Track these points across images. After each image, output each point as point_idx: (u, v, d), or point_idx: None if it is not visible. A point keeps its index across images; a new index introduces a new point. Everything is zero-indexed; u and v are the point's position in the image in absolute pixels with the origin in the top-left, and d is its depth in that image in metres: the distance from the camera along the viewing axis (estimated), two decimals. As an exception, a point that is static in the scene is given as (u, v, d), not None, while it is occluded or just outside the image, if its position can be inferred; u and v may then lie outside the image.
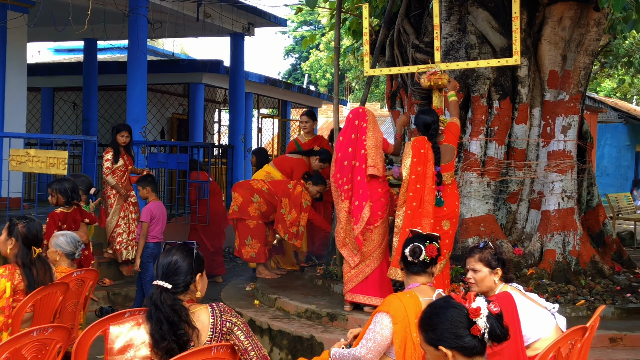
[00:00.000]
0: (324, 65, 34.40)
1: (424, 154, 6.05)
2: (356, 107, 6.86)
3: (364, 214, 6.38)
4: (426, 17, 8.64)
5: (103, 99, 15.42)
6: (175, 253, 3.31)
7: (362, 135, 6.47)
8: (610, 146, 25.50)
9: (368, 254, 6.56)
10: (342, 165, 6.51)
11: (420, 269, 3.96)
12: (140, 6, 10.51)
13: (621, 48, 14.68)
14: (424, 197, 6.04)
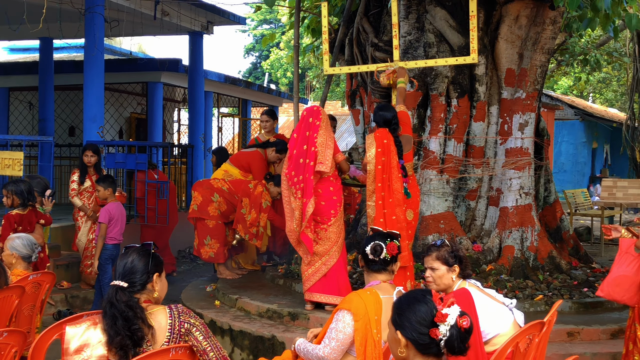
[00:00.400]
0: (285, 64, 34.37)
1: (387, 144, 6.09)
2: (311, 105, 6.85)
3: (307, 210, 6.38)
4: (385, 16, 8.66)
5: (59, 99, 15.18)
6: (132, 254, 3.38)
7: (314, 132, 6.47)
8: (567, 143, 25.92)
9: (324, 252, 6.56)
10: (297, 162, 6.49)
11: (381, 267, 3.97)
12: (97, 4, 10.37)
13: (577, 46, 14.90)
14: (392, 186, 6.07)
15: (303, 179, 6.44)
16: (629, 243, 5.02)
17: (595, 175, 26.35)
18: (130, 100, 16.38)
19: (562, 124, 25.23)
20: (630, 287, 4.93)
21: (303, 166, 6.46)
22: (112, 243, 7.71)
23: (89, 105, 10.55)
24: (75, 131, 15.45)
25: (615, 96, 33.19)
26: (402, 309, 2.59)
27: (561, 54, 14.98)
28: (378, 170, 6.08)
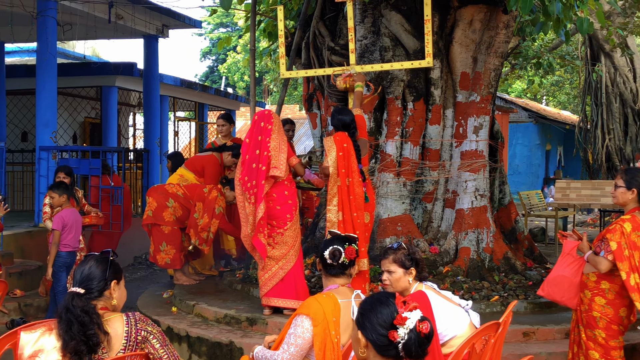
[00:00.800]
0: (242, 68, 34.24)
1: (347, 148, 6.11)
2: (262, 109, 6.84)
3: (257, 215, 6.37)
4: (341, 20, 8.69)
5: (11, 104, 14.89)
6: (90, 260, 3.35)
7: (266, 137, 6.45)
8: (521, 145, 26.30)
9: (281, 257, 6.55)
10: (250, 167, 6.46)
11: (339, 271, 3.97)
12: (49, 8, 10.20)
13: (530, 50, 15.12)
14: (354, 190, 6.09)
15: (256, 184, 6.42)
16: (572, 245, 5.11)
17: (549, 177, 26.80)
18: (84, 105, 16.15)
19: (516, 126, 25.61)
20: (569, 287, 5.02)
21: (256, 171, 6.43)
22: (66, 250, 7.57)
23: (41, 110, 10.38)
24: (28, 136, 15.17)
25: (568, 99, 33.83)
26: (366, 309, 2.61)
27: (515, 58, 15.21)
28: (342, 173, 6.09)
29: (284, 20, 7.33)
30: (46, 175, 10.17)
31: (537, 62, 15.02)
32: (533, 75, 21.30)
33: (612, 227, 4.77)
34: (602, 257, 4.74)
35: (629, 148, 19.00)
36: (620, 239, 4.67)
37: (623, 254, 4.65)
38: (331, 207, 6.16)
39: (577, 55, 18.92)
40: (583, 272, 4.96)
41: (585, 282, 4.93)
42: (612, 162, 18.96)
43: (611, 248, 4.68)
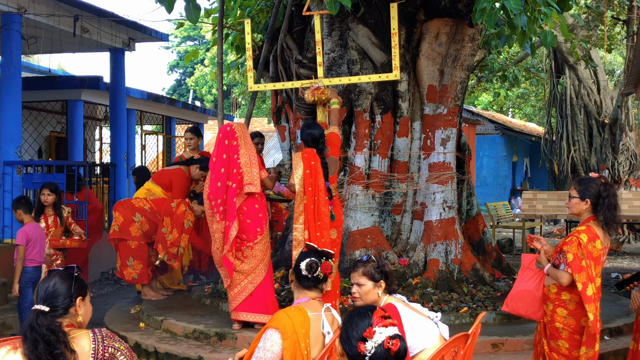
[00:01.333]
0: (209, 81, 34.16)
1: (314, 166, 6.09)
2: (224, 125, 6.80)
3: (230, 234, 6.35)
4: (308, 33, 8.71)
5: (-26, 118, 14.65)
6: (54, 277, 3.26)
7: (233, 154, 6.43)
8: (488, 157, 26.56)
9: (250, 270, 6.51)
10: (215, 186, 6.44)
11: (312, 284, 3.95)
12: (14, 21, 10.09)
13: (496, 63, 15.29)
14: (320, 209, 6.07)
15: (222, 201, 6.40)
16: (531, 258, 5.14)
17: (516, 188, 27.07)
18: (50, 119, 15.95)
19: (483, 138, 25.86)
20: (532, 301, 5.04)
21: (223, 189, 6.40)
22: (32, 265, 7.45)
23: (5, 125, 10.23)
24: (-8, 151, 14.91)
25: (534, 111, 34.28)
26: (347, 320, 2.67)
27: (481, 70, 15.37)
28: (308, 192, 6.07)
29: (251, 34, 7.32)
30: (10, 191, 10.02)
31: (502, 75, 15.20)
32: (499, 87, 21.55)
33: (569, 239, 4.80)
34: (562, 270, 4.77)
35: (594, 159, 19.28)
36: (577, 250, 4.71)
37: (580, 264, 4.69)
38: (297, 226, 6.14)
39: (542, 68, 19.18)
40: (544, 284, 4.99)
41: (546, 294, 4.96)
42: (578, 173, 19.21)
43: (568, 260, 4.72)
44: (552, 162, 20.50)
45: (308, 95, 6.80)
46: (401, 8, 7.47)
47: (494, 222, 13.85)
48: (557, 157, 20.07)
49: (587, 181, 4.94)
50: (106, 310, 8.39)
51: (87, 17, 11.37)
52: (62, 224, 8.27)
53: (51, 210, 8.21)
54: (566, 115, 19.59)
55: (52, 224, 8.17)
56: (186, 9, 7.02)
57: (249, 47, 7.26)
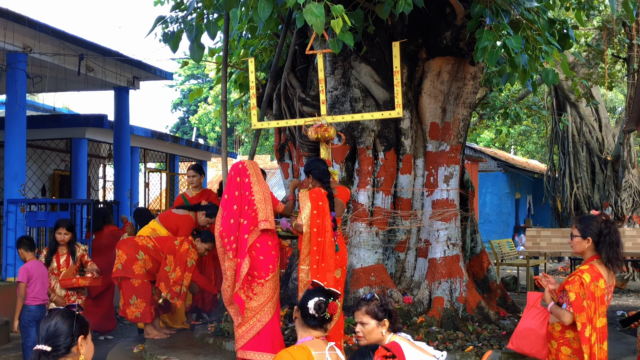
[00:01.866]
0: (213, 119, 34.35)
1: (322, 207, 6.09)
2: (236, 162, 6.82)
3: (242, 271, 6.31)
4: (311, 71, 8.78)
5: (-21, 156, 14.72)
6: (55, 316, 3.26)
7: (245, 191, 6.42)
8: (491, 194, 26.54)
9: (259, 308, 6.44)
10: (228, 223, 6.42)
11: (318, 324, 3.92)
12: (19, 60, 10.19)
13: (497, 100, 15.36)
14: (325, 251, 6.05)
15: (235, 239, 6.37)
16: (536, 297, 5.12)
17: (520, 225, 27.00)
18: (54, 157, 16.02)
19: (486, 175, 25.88)
20: (537, 340, 5.01)
21: (235, 226, 6.38)
22: (35, 304, 7.40)
23: (10, 163, 10.27)
24: (-4, 189, 14.96)
25: (536, 148, 34.33)
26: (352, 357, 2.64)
27: (483, 108, 15.44)
28: (313, 233, 6.06)
29: (255, 72, 7.38)
30: (14, 229, 10.01)
31: (504, 112, 15.26)
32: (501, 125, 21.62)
33: (571, 278, 4.78)
34: (564, 309, 4.75)
35: (596, 196, 19.25)
36: (579, 289, 4.68)
37: (581, 304, 4.66)
38: (304, 267, 6.12)
39: (544, 105, 19.27)
40: (549, 322, 4.96)
41: (551, 332, 4.93)
42: (581, 210, 19.16)
43: (570, 299, 4.69)
44: (555, 199, 20.46)
45: (311, 132, 6.83)
46: (403, 47, 7.54)
47: (498, 259, 13.78)
48: (560, 194, 20.05)
49: (587, 219, 4.93)
50: (109, 349, 8.31)
51: (92, 56, 11.48)
52: (75, 263, 8.10)
53: (65, 249, 8.06)
54: (568, 152, 19.61)
55: (64, 264, 8.02)
56: (190, 48, 7.09)
57: (252, 85, 7.31)
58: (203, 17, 7.29)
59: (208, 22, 7.15)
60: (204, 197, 9.31)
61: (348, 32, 5.93)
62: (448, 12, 8.00)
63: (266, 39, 10.03)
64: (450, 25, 8.01)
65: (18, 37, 9.98)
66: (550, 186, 20.78)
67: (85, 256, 8.22)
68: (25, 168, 10.68)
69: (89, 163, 15.87)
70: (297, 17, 5.91)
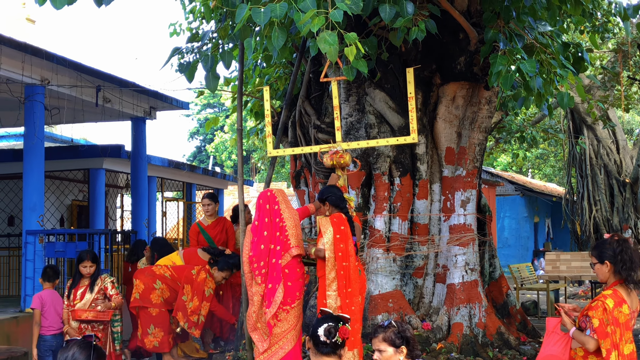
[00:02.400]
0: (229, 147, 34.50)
1: (344, 231, 6.08)
2: (264, 190, 6.82)
3: (276, 297, 6.25)
4: (326, 99, 8.82)
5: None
6: (72, 347, 3.32)
7: (275, 218, 6.43)
8: (509, 218, 26.38)
9: (282, 335, 6.38)
10: (258, 248, 6.41)
11: (331, 350, 3.89)
12: (37, 92, 10.30)
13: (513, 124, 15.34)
14: (350, 275, 6.03)
15: (265, 264, 6.36)
16: (555, 322, 5.06)
17: (539, 249, 26.78)
18: (72, 188, 16.13)
19: (504, 199, 25.74)
20: None
21: (266, 252, 6.37)
22: (49, 334, 7.39)
23: (28, 194, 10.34)
24: (15, 220, 15.08)
25: (554, 171, 34.16)
26: None
27: (499, 132, 15.41)
28: (338, 257, 6.04)
29: (270, 100, 7.43)
30: (32, 260, 10.05)
31: (520, 136, 15.22)
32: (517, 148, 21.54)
33: (595, 303, 4.71)
34: (588, 336, 4.69)
35: (616, 219, 19.09)
36: (603, 315, 4.62)
37: (605, 330, 4.59)
38: (331, 293, 6.08)
39: (560, 129, 19.21)
40: (571, 348, 4.89)
41: (573, 357, 4.86)
42: (600, 233, 18.99)
43: (594, 325, 4.63)
44: (574, 223, 20.31)
45: (327, 159, 6.84)
46: (417, 72, 7.57)
47: (517, 284, 13.65)
48: (579, 218, 19.90)
49: (601, 244, 4.89)
50: (126, 379, 8.29)
51: (109, 87, 11.60)
52: (93, 295, 7.57)
53: (86, 281, 7.63)
54: (586, 175, 19.51)
55: (80, 295, 7.57)
56: (206, 78, 7.15)
57: (267, 113, 7.36)
58: (218, 47, 7.37)
59: (223, 52, 7.21)
60: (219, 225, 9.32)
61: (362, 59, 5.96)
62: (461, 38, 8.03)
63: (281, 68, 10.10)
64: (464, 50, 8.03)
65: (36, 70, 10.11)
66: (569, 209, 20.64)
67: (109, 288, 7.66)
68: (44, 199, 10.74)
69: (106, 193, 15.96)
70: (311, 45, 5.95)
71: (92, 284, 7.62)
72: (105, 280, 7.68)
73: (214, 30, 7.90)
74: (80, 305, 7.49)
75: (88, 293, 7.57)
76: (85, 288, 7.60)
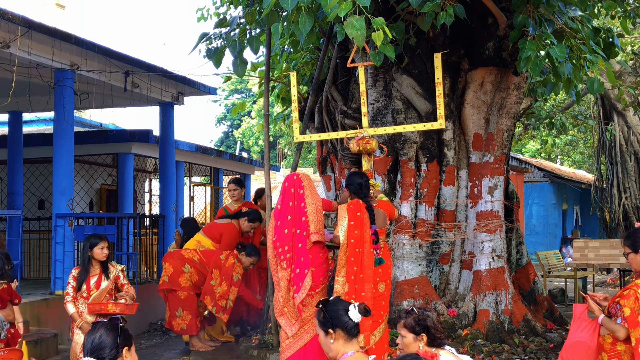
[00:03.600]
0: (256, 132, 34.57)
1: (360, 217, 6.06)
2: (290, 174, 6.83)
3: (306, 282, 6.25)
4: (353, 84, 8.80)
5: (29, 172, 15.07)
6: (99, 329, 3.32)
7: (300, 202, 6.42)
8: (537, 205, 26.17)
9: (307, 320, 6.40)
10: (282, 233, 6.42)
11: (357, 331, 3.86)
12: (66, 77, 10.40)
13: (542, 110, 15.18)
14: (363, 262, 6.01)
15: (290, 248, 6.37)
16: (582, 309, 5.04)
17: (567, 237, 26.55)
18: (101, 172, 16.31)
19: (532, 186, 25.52)
20: (587, 352, 4.92)
21: (289, 236, 6.38)
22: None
23: (58, 178, 10.47)
24: (45, 204, 15.29)
25: (583, 158, 33.80)
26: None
27: (527, 118, 15.27)
28: (350, 243, 6.03)
29: (297, 86, 7.43)
30: (62, 243, 10.20)
31: (549, 122, 15.07)
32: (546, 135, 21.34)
33: (626, 292, 4.68)
34: (619, 324, 4.66)
35: (646, 206, 18.87)
36: (634, 304, 4.59)
37: (636, 319, 4.57)
38: (339, 278, 6.09)
39: (590, 115, 18.98)
40: (599, 334, 4.87)
41: (601, 344, 4.84)
42: (630, 221, 18.78)
43: (625, 314, 4.60)
44: (603, 210, 20.11)
45: (353, 145, 6.83)
46: (445, 58, 7.52)
47: (544, 271, 13.56)
48: (608, 205, 19.69)
49: (634, 233, 4.87)
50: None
51: (138, 72, 11.67)
52: (108, 284, 6.82)
53: (97, 268, 6.80)
54: (616, 162, 19.28)
55: (94, 285, 6.76)
56: (233, 63, 7.17)
57: (294, 99, 7.36)
58: (245, 33, 7.37)
59: (250, 37, 7.23)
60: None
61: (389, 44, 5.93)
62: (490, 23, 7.96)
63: (308, 53, 10.09)
64: (493, 35, 7.96)
65: (65, 55, 10.21)
66: (598, 197, 20.43)
67: (121, 277, 6.91)
68: (73, 183, 10.87)
69: (135, 177, 16.12)
70: (338, 30, 5.94)
71: (105, 270, 6.78)
72: (117, 268, 6.93)
73: (242, 15, 7.91)
74: (96, 295, 6.70)
75: (104, 281, 6.75)
76: (99, 276, 6.76)
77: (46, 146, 12.89)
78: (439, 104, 6.77)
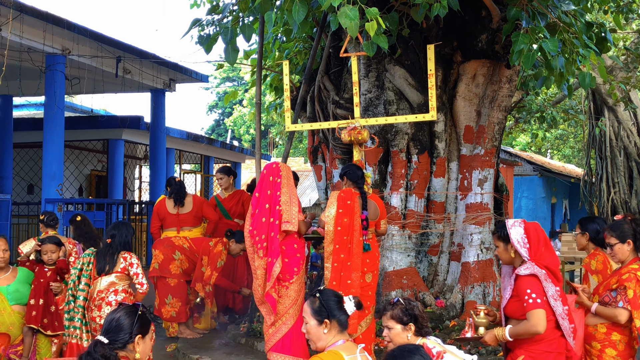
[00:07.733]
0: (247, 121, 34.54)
1: (350, 205, 6.07)
2: (270, 162, 6.83)
3: (274, 271, 6.28)
4: (345, 74, 8.79)
5: (18, 156, 15.01)
6: (119, 311, 3.38)
7: (276, 191, 6.42)
8: (527, 198, 26.26)
9: (284, 311, 6.41)
10: (259, 221, 6.41)
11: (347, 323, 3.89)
12: (58, 62, 10.36)
13: (534, 104, 15.21)
14: (352, 250, 6.01)
15: (266, 237, 6.36)
16: (571, 299, 5.08)
17: (555, 230, 26.66)
18: (91, 158, 16.26)
19: (521, 179, 25.60)
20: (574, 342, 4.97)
21: (267, 225, 6.37)
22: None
23: (48, 163, 10.44)
24: (34, 189, 15.24)
25: (573, 152, 33.91)
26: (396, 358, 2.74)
27: (518, 112, 15.30)
28: (337, 231, 6.03)
29: (289, 75, 7.41)
30: (51, 228, 10.17)
31: (540, 116, 15.10)
32: (537, 128, 21.40)
33: (626, 276, 4.73)
34: (620, 308, 4.71)
35: (634, 201, 18.96)
36: (637, 286, 4.66)
37: (638, 302, 4.63)
38: (328, 265, 6.11)
39: (581, 109, 19.03)
40: (588, 324, 4.91)
41: (592, 333, 4.88)
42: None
43: (628, 296, 4.65)
44: (591, 204, 20.19)
45: (345, 135, 6.83)
46: (438, 49, 7.52)
47: (532, 264, 13.62)
48: (597, 199, 19.77)
49: (618, 225, 4.92)
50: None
51: (129, 58, 11.63)
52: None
53: None
54: (606, 157, 19.34)
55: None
56: (225, 51, 7.15)
57: (286, 88, 7.35)
58: (238, 20, 7.34)
59: (243, 25, 7.20)
60: (235, 198, 9.39)
61: (382, 35, 5.92)
62: (484, 15, 7.96)
63: (301, 42, 10.07)
64: (486, 28, 7.97)
65: (57, 40, 10.16)
66: (587, 191, 20.51)
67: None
68: (63, 168, 10.85)
69: (125, 164, 16.08)
70: (331, 20, 5.92)
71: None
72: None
73: (235, 2, 7.88)
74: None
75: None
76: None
77: (36, 131, 12.84)
78: (431, 95, 6.78)
